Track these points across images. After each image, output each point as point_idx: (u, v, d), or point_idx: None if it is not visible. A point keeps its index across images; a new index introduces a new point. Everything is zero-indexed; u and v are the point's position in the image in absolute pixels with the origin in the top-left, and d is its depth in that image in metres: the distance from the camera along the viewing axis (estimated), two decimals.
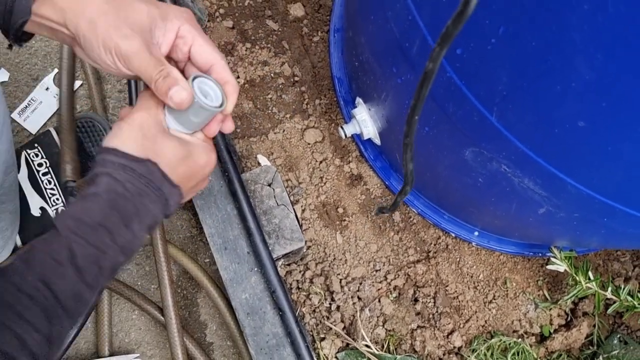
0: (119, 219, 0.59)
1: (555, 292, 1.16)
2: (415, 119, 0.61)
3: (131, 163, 0.60)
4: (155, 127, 0.63)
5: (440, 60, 0.49)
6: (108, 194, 0.58)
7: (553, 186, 0.68)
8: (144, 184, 0.60)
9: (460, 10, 0.43)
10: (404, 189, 0.76)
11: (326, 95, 1.19)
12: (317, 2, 1.24)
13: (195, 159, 0.66)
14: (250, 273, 0.89)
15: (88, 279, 0.56)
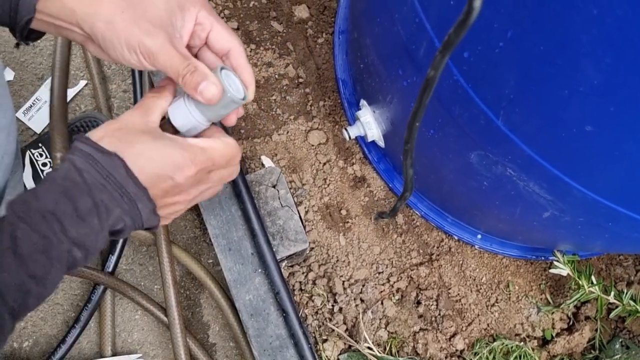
0: (72, 209, 0.54)
1: (557, 295, 1.16)
2: (417, 125, 0.62)
3: (96, 152, 0.55)
4: (139, 127, 0.59)
5: (442, 67, 0.50)
6: (64, 180, 0.54)
7: (558, 190, 0.68)
8: (103, 177, 0.55)
9: (462, 19, 0.43)
10: (403, 195, 0.77)
11: (330, 97, 1.19)
12: (322, 3, 1.24)
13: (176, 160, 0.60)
14: (254, 274, 0.89)
15: (33, 269, 0.52)
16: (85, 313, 1.00)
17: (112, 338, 1.01)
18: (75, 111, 1.13)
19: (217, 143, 0.64)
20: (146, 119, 0.61)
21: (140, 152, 0.58)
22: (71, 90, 1.12)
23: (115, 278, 1.00)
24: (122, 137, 0.58)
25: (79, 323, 0.99)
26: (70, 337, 0.99)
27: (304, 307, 1.07)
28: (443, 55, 0.47)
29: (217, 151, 0.63)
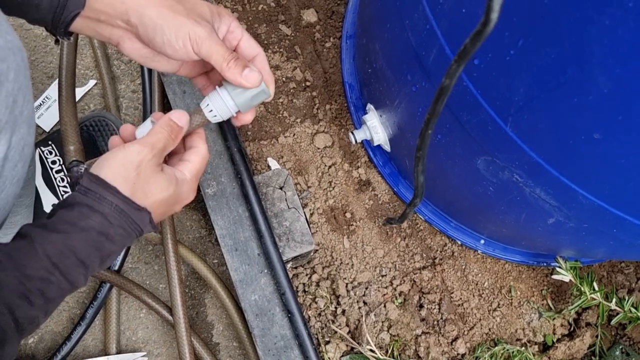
0: (98, 258, 0.60)
1: (559, 301, 1.17)
2: (429, 133, 0.62)
3: (130, 209, 0.61)
4: (150, 167, 0.64)
5: (457, 76, 0.50)
6: (99, 235, 0.59)
7: (564, 196, 0.69)
8: (133, 230, 0.63)
9: (479, 30, 0.44)
10: (413, 201, 0.77)
11: (337, 100, 1.20)
12: (330, 8, 1.25)
13: (178, 198, 0.68)
14: (260, 275, 0.89)
15: (49, 307, 0.58)
16: (91, 311, 1.00)
17: (116, 336, 1.02)
18: (85, 110, 1.14)
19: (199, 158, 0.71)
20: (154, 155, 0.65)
21: (155, 196, 0.65)
22: (80, 89, 1.13)
23: (121, 276, 1.00)
24: (136, 185, 0.63)
25: (84, 320, 1.00)
26: (76, 334, 0.99)
27: (307, 309, 1.08)
28: (458, 65, 0.48)
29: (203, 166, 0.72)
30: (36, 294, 0.56)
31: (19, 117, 0.57)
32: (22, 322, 0.55)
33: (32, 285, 0.55)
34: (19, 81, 0.57)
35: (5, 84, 0.54)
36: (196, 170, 0.71)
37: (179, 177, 0.68)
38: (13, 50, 0.56)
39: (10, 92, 0.55)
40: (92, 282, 1.05)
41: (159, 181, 0.65)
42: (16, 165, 0.59)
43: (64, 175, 0.98)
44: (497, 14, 0.41)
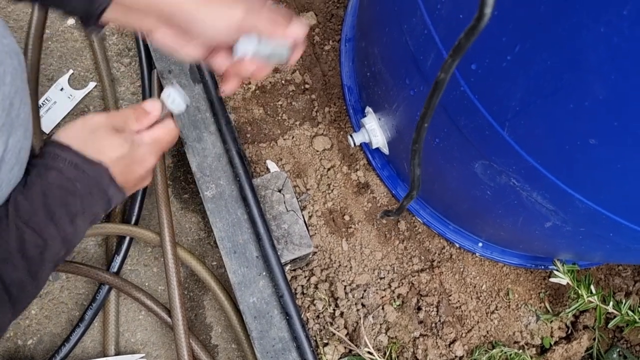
0: (65, 214, 0.62)
1: (556, 304, 1.17)
2: (425, 126, 0.63)
3: (83, 163, 0.64)
4: (105, 129, 0.67)
5: (452, 71, 0.51)
6: (59, 189, 0.61)
7: (561, 201, 0.69)
8: (93, 185, 0.64)
9: (473, 25, 0.44)
10: (410, 194, 0.78)
11: (336, 103, 1.20)
12: (329, 11, 1.26)
13: (135, 157, 0.70)
14: (258, 277, 0.90)
15: (33, 269, 0.60)
16: (90, 312, 1.01)
17: (115, 337, 1.02)
18: (84, 112, 1.14)
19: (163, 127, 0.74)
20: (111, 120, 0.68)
21: (116, 156, 0.67)
22: (80, 91, 1.14)
23: (120, 278, 1.01)
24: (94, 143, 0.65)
25: (83, 322, 1.00)
26: (75, 335, 1.00)
27: (306, 311, 1.08)
28: (453, 59, 0.48)
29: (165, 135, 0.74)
30: (16, 256, 0.58)
31: (16, 120, 0.58)
32: (10, 288, 0.57)
33: (10, 246, 0.58)
34: (15, 84, 0.57)
35: (1, 87, 0.55)
36: (156, 136, 0.73)
37: (136, 139, 0.70)
38: (10, 54, 0.57)
39: (6, 95, 0.56)
40: (91, 283, 1.05)
41: (110, 140, 0.67)
42: (12, 168, 0.60)
43: None
44: (490, 8, 0.42)
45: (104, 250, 1.07)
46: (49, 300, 1.04)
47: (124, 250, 1.03)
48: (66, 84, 1.14)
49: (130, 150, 0.68)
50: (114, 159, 0.67)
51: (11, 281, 0.57)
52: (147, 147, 0.72)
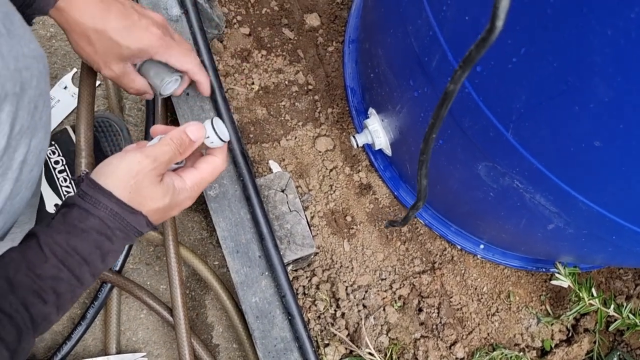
0: (99, 256, 0.64)
1: (557, 307, 1.17)
2: (433, 137, 0.63)
3: (124, 213, 0.65)
4: (149, 178, 0.67)
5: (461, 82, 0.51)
6: (98, 235, 0.63)
7: (564, 203, 0.70)
8: (130, 231, 0.66)
9: (484, 37, 0.44)
10: (416, 204, 0.78)
11: (338, 104, 1.21)
12: (333, 12, 1.26)
13: (174, 206, 0.71)
14: (261, 277, 0.90)
15: (61, 304, 0.62)
16: (92, 310, 1.01)
17: (117, 336, 1.02)
18: None
19: (210, 167, 0.75)
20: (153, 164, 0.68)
21: (157, 208, 0.68)
22: None
23: (122, 277, 1.01)
24: (134, 194, 0.66)
25: (84, 320, 1.00)
26: (76, 333, 1.00)
27: (307, 312, 1.08)
28: (463, 71, 0.48)
29: (210, 176, 0.75)
30: (48, 292, 0.60)
31: (39, 122, 0.59)
32: (37, 319, 0.58)
33: (44, 283, 0.59)
34: (40, 87, 0.58)
35: (28, 90, 0.56)
36: (200, 179, 0.73)
37: (177, 186, 0.71)
38: (36, 58, 0.58)
39: (32, 98, 0.57)
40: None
41: (154, 192, 0.68)
42: (32, 169, 0.60)
43: (66, 176, 0.98)
44: (502, 22, 0.42)
45: None
46: None
47: (126, 249, 1.03)
48: (70, 82, 1.14)
49: (171, 198, 0.70)
50: (153, 210, 0.68)
51: (38, 314, 0.59)
52: (187, 194, 0.72)
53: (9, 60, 0.53)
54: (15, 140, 0.56)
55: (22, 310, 0.57)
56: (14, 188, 0.58)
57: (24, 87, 0.55)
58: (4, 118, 0.53)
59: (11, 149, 0.56)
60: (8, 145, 0.55)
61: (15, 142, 0.56)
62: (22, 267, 0.58)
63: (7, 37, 0.53)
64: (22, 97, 0.55)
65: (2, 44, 0.53)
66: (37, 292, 0.58)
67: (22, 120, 0.56)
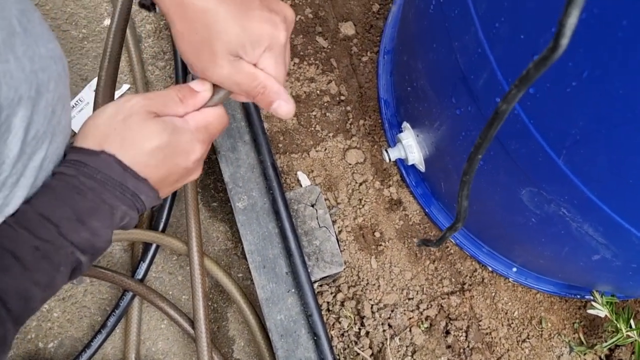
0: (70, 213, 0.54)
1: (591, 336, 1.12)
2: (478, 158, 0.59)
3: (83, 157, 0.55)
4: (140, 115, 0.57)
5: (515, 102, 0.48)
6: (57, 186, 0.54)
7: (616, 235, 0.66)
8: (101, 180, 0.55)
9: (545, 56, 0.41)
10: (454, 226, 0.74)
11: (371, 116, 1.17)
12: (369, 22, 1.23)
13: (177, 148, 0.59)
14: (287, 294, 0.87)
15: (37, 276, 0.52)
16: (112, 319, 0.99)
17: (136, 346, 1.00)
18: None
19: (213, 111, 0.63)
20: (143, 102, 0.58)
21: (149, 150, 0.57)
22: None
23: (144, 286, 0.99)
24: (107, 131, 0.56)
25: (105, 328, 0.98)
26: (96, 341, 0.98)
27: (331, 328, 1.05)
28: (519, 90, 0.45)
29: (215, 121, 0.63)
30: (6, 256, 0.51)
31: (57, 127, 0.56)
32: (4, 295, 0.50)
33: (1, 249, 0.51)
34: (58, 91, 0.55)
35: (45, 94, 0.53)
36: (204, 121, 0.62)
37: (178, 125, 0.59)
38: (54, 59, 0.55)
39: (49, 102, 0.54)
40: (114, 289, 1.03)
41: (146, 127, 0.57)
42: (49, 176, 0.58)
43: None
44: (567, 40, 0.38)
45: (130, 255, 1.05)
46: (71, 303, 1.02)
47: (149, 258, 1.01)
48: None
49: (170, 138, 0.58)
50: (149, 150, 0.57)
51: (6, 290, 0.50)
52: (192, 135, 0.60)
53: (24, 61, 0.50)
54: (31, 146, 0.52)
55: None
56: (28, 195, 0.55)
57: (40, 90, 0.51)
58: (17, 123, 0.50)
59: (26, 155, 0.52)
60: (22, 151, 0.51)
61: (30, 148, 0.53)
62: None
63: (23, 36, 0.50)
64: (38, 100, 0.51)
65: (17, 44, 0.49)
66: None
67: (38, 125, 0.52)
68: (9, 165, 0.51)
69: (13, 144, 0.50)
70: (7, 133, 0.50)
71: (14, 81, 0.48)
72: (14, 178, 0.52)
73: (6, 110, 0.48)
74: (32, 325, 1.00)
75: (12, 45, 0.49)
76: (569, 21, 0.36)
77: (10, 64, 0.48)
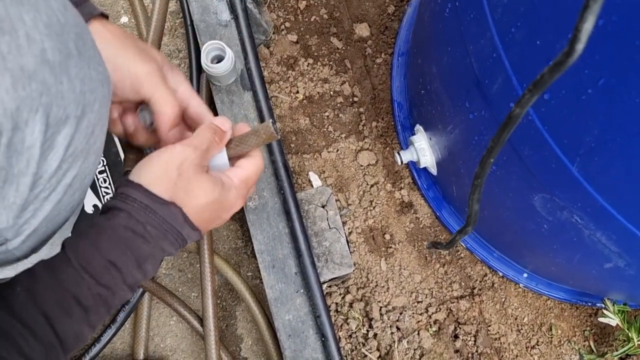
0: (132, 259, 0.57)
1: (601, 344, 1.11)
2: (490, 162, 0.59)
3: (155, 205, 0.59)
4: (193, 168, 0.62)
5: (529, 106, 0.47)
6: (126, 231, 0.57)
7: (629, 244, 0.65)
8: (165, 229, 0.59)
9: (560, 60, 0.41)
10: (464, 229, 0.74)
11: (384, 118, 1.17)
12: (384, 23, 1.23)
13: (224, 203, 0.66)
14: (296, 294, 0.87)
15: (93, 319, 0.56)
16: (122, 314, 0.99)
17: (145, 342, 1.00)
18: None
19: (252, 165, 0.69)
20: (200, 157, 0.63)
21: (197, 198, 0.62)
22: None
23: (154, 283, 0.99)
24: (177, 186, 0.61)
25: (114, 324, 0.99)
26: (105, 336, 0.99)
27: (339, 330, 1.05)
28: (532, 94, 0.45)
29: (254, 174, 0.70)
30: (71, 302, 0.54)
31: (92, 147, 0.57)
32: (64, 337, 0.53)
33: (65, 292, 0.54)
34: (100, 112, 0.56)
35: (88, 114, 0.53)
36: (246, 177, 0.68)
37: (225, 181, 0.66)
38: (102, 82, 0.55)
39: (91, 122, 0.54)
40: None
41: (202, 182, 0.62)
42: (75, 193, 0.58)
43: (106, 176, 0.97)
44: (583, 45, 0.38)
45: None
46: None
47: None
48: None
49: (220, 195, 0.64)
50: (203, 204, 0.62)
51: (64, 331, 0.53)
52: (237, 191, 0.67)
53: (76, 82, 0.51)
54: (67, 163, 0.53)
55: (42, 322, 0.52)
56: (53, 209, 0.55)
57: (84, 110, 0.53)
58: (60, 141, 0.51)
59: (61, 171, 0.53)
60: (59, 168, 0.52)
61: (66, 165, 0.53)
62: (45, 277, 0.54)
63: (77, 58, 0.51)
64: (81, 120, 0.53)
65: (71, 66, 0.50)
66: (59, 303, 0.53)
67: (77, 144, 0.53)
68: (45, 180, 0.52)
69: (53, 160, 0.52)
70: (50, 150, 0.51)
71: (64, 101, 0.50)
72: (46, 193, 0.53)
73: (53, 128, 0.50)
74: None
75: (67, 67, 0.50)
76: (585, 26, 0.36)
77: (63, 86, 0.49)
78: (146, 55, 0.66)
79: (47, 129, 0.49)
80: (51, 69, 0.47)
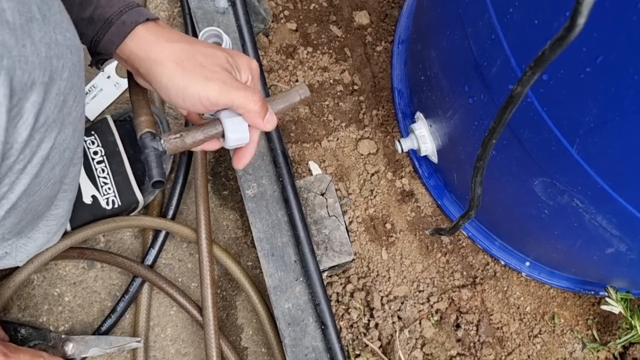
0: None
1: (604, 333, 1.10)
2: (492, 143, 0.59)
3: None
4: None
5: (530, 85, 0.47)
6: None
7: (630, 227, 0.64)
8: None
9: (561, 36, 0.40)
10: (467, 214, 0.73)
11: (384, 106, 1.16)
12: (383, 11, 1.22)
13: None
14: (295, 282, 0.87)
15: None
16: (122, 304, 0.99)
17: (145, 331, 1.00)
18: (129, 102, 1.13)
19: None
20: None
21: None
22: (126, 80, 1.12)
23: (154, 272, 0.99)
24: None
25: (114, 313, 0.99)
26: (106, 326, 0.98)
27: (340, 319, 1.04)
28: (533, 72, 0.44)
29: None
30: None
31: (67, 118, 0.56)
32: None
33: None
34: (71, 81, 0.55)
35: (57, 81, 0.53)
36: None
37: None
38: (71, 48, 0.55)
39: (62, 90, 0.54)
40: (124, 274, 1.04)
41: None
42: (54, 168, 0.57)
43: (104, 167, 0.97)
44: (584, 19, 0.37)
45: (140, 242, 1.05)
46: (82, 288, 1.03)
47: (159, 244, 1.01)
48: (113, 72, 1.12)
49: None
50: None
51: None
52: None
53: (40, 46, 0.50)
54: (40, 133, 0.53)
55: None
56: (31, 184, 0.54)
57: (53, 77, 0.52)
58: (29, 107, 0.50)
59: (34, 142, 0.53)
60: (31, 137, 0.52)
61: (39, 135, 0.53)
62: None
63: (41, 22, 0.50)
64: (50, 87, 0.52)
65: (35, 29, 0.49)
66: None
67: (48, 112, 0.53)
68: (16, 150, 0.51)
69: (22, 128, 0.51)
70: (18, 117, 0.50)
71: (28, 66, 0.49)
72: (21, 164, 0.52)
73: (18, 94, 0.49)
74: (44, 308, 1.01)
75: (29, 30, 0.49)
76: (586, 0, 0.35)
77: (26, 49, 0.48)
78: (210, 73, 0.66)
79: (13, 94, 0.48)
80: (11, 30, 0.46)
